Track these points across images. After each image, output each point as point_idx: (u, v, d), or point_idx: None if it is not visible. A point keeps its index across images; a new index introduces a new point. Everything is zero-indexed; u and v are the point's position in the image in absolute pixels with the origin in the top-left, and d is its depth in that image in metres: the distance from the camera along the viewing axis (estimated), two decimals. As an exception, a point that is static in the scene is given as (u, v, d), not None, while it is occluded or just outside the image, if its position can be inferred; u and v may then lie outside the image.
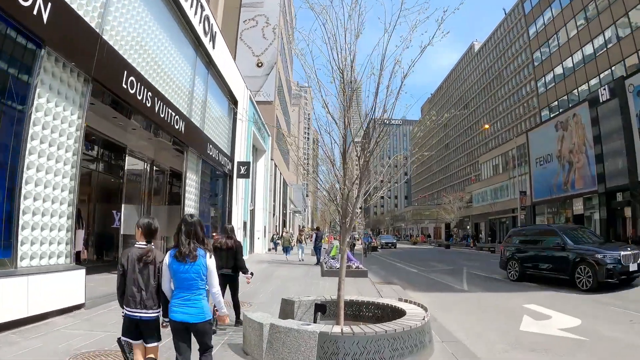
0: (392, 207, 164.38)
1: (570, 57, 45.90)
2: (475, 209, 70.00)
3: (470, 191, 76.22)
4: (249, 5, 42.46)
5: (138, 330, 4.12)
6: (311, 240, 29.90)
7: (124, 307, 4.10)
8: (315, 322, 6.78)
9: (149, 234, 4.21)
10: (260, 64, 41.54)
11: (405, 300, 7.58)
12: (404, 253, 42.33)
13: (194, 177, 16.33)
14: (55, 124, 8.00)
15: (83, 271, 8.31)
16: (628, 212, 34.08)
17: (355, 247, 35.43)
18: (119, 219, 13.81)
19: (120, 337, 4.20)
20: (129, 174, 14.55)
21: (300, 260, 24.81)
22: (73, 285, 7.99)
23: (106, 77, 9.43)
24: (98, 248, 14.89)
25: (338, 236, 38.97)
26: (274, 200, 41.93)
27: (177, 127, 13.62)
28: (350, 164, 7.19)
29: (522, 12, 64.51)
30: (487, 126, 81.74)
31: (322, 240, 26.26)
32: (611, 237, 33.56)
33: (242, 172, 22.60)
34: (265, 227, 34.68)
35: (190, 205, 15.92)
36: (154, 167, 15.82)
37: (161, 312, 4.17)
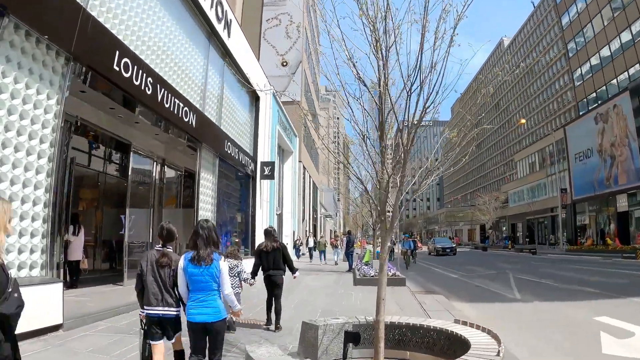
0: (424, 209, 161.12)
1: (607, 45, 43.05)
2: (512, 209, 67.18)
3: (505, 191, 73.28)
4: (272, 4, 41.27)
5: (160, 330, 4.34)
6: (342, 245, 28.13)
7: (145, 306, 4.34)
8: (345, 358, 5.07)
9: (162, 237, 4.53)
10: (285, 63, 40.21)
11: (465, 323, 5.74)
12: (441, 257, 40.12)
13: (210, 178, 14.91)
14: (25, 109, 6.62)
15: (60, 285, 6.85)
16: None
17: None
18: (129, 223, 12.49)
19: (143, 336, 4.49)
20: (136, 174, 13.18)
21: (335, 264, 25.92)
22: (47, 302, 6.53)
23: (91, 56, 8.02)
24: (106, 256, 13.60)
25: (372, 241, 36.77)
26: (304, 205, 40.42)
27: (186, 119, 12.20)
28: (388, 142, 5.56)
29: (552, 2, 61.43)
30: (523, 121, 78.38)
31: (354, 245, 24.56)
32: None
33: (266, 172, 21.10)
34: (294, 232, 33.17)
35: (206, 208, 14.50)
36: (165, 167, 14.40)
37: (181, 310, 4.40)
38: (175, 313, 4.36)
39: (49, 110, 7.14)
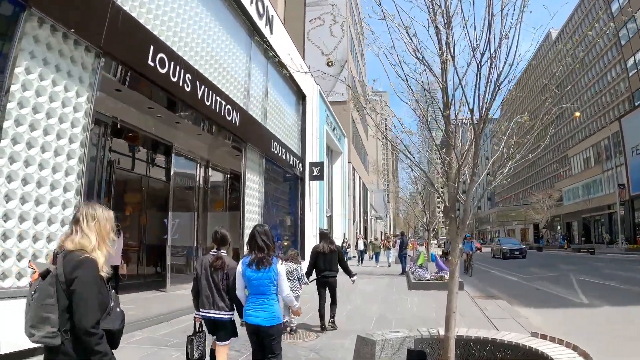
0: (475, 209, 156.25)
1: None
2: (566, 207, 63.80)
3: (559, 188, 69.76)
4: (314, 4, 40.73)
5: (213, 332, 4.54)
6: (394, 247, 27.27)
7: (200, 309, 4.52)
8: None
9: (216, 241, 4.66)
10: (330, 63, 39.60)
11: (544, 337, 4.76)
12: (508, 260, 37.59)
13: (256, 179, 14.41)
14: (52, 107, 6.22)
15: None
16: None
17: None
18: (172, 228, 12.14)
19: (190, 335, 4.59)
20: (179, 176, 12.84)
21: (388, 266, 25.79)
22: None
23: (124, 51, 7.59)
24: (149, 261, 13.29)
25: (424, 242, 35.52)
26: (354, 206, 39.57)
27: (229, 118, 11.73)
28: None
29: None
30: (577, 114, 74.52)
31: (407, 247, 23.48)
32: None
33: (315, 173, 20.49)
34: (344, 234, 32.40)
35: (253, 210, 13.99)
36: (209, 169, 14.01)
37: (235, 313, 4.52)
38: (228, 316, 4.48)
39: (79, 108, 6.72)
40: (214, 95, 10.90)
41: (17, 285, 5.64)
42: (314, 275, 8.48)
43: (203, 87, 10.36)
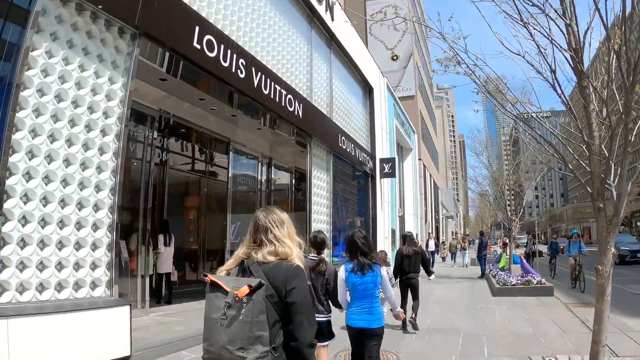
0: (547, 206, 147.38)
1: None
2: None
3: None
4: (375, -4, 39.35)
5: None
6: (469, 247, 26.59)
7: None
8: None
9: (316, 246, 4.68)
10: (395, 57, 38.03)
11: None
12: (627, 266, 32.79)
13: (323, 177, 13.27)
14: (80, 95, 5.36)
15: (127, 309, 5.42)
16: None
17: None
18: (233, 232, 11.22)
19: None
20: (239, 175, 11.95)
21: (464, 266, 25.57)
22: (112, 329, 5.15)
23: (163, 31, 6.67)
24: (207, 267, 12.46)
25: (500, 241, 33.15)
26: (425, 205, 37.62)
27: (291, 109, 10.67)
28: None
29: None
30: None
31: (487, 248, 21.45)
32: None
33: (386, 170, 19.07)
34: (417, 234, 30.60)
35: (320, 211, 12.85)
36: (272, 167, 12.99)
37: (331, 316, 4.63)
38: (327, 318, 4.55)
39: (113, 96, 5.83)
40: (273, 83, 9.87)
41: (55, 298, 4.83)
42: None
43: (260, 74, 9.35)
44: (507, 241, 21.00)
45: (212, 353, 2.04)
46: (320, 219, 12.74)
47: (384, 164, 19.01)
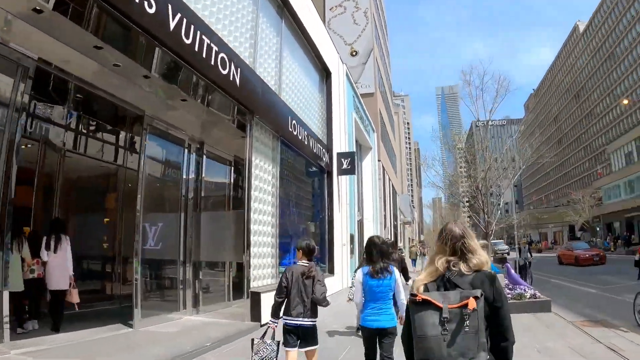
0: (503, 213, 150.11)
1: None
2: (608, 207, 58.74)
3: (598, 187, 64.61)
4: (334, -10, 37.18)
5: (296, 339, 4.62)
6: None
7: (284, 316, 4.64)
8: None
9: (307, 253, 4.76)
10: (354, 53, 35.83)
11: None
12: (545, 264, 31.71)
13: (268, 168, 10.66)
14: None
15: None
16: None
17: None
18: (153, 236, 8.43)
19: (254, 338, 4.71)
20: (156, 162, 9.16)
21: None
22: None
23: None
24: (111, 284, 9.65)
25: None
26: (384, 210, 35.43)
27: (224, 72, 8.04)
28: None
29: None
30: (626, 101, 69.16)
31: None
32: None
33: (344, 166, 16.58)
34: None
35: (264, 210, 10.21)
36: (204, 153, 10.13)
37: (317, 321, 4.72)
38: (312, 323, 4.65)
39: None
40: (199, 32, 7.23)
41: None
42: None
43: (180, 15, 6.71)
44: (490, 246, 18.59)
45: None
46: (263, 220, 10.12)
47: (343, 159, 16.54)
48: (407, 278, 8.53)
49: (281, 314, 4.64)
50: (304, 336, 4.61)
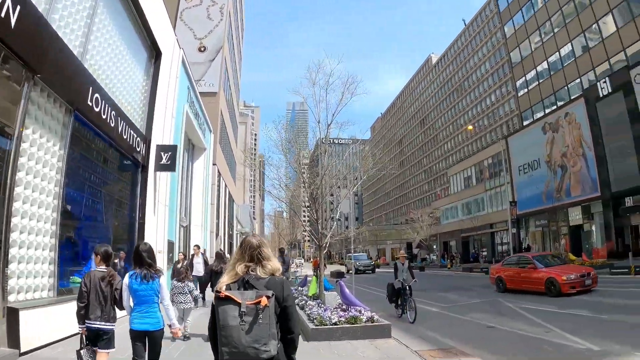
0: (342, 228, 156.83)
1: (557, 52, 40.61)
2: (446, 227, 64.09)
3: (437, 207, 70.27)
4: (191, -21, 34.71)
5: (97, 339, 4.76)
6: None
7: (86, 320, 4.72)
8: None
9: (105, 259, 4.91)
10: (203, 49, 33.57)
11: None
12: (380, 279, 32.47)
13: (53, 147, 8.26)
14: None
15: None
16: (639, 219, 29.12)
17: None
18: None
19: (78, 349, 4.81)
20: None
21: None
22: None
23: None
24: None
25: (313, 262, 30.58)
26: (218, 217, 33.41)
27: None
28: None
29: (495, 9, 59.50)
30: (470, 127, 76.78)
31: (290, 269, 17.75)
32: (618, 248, 29.20)
33: (163, 161, 14.36)
34: (205, 250, 26.21)
35: (41, 202, 7.80)
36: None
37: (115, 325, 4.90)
38: (110, 327, 4.82)
39: None
40: None
41: None
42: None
43: None
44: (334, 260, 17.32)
45: (237, 354, 2.51)
46: (38, 214, 7.72)
47: (162, 153, 14.30)
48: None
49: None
50: (101, 338, 4.76)
